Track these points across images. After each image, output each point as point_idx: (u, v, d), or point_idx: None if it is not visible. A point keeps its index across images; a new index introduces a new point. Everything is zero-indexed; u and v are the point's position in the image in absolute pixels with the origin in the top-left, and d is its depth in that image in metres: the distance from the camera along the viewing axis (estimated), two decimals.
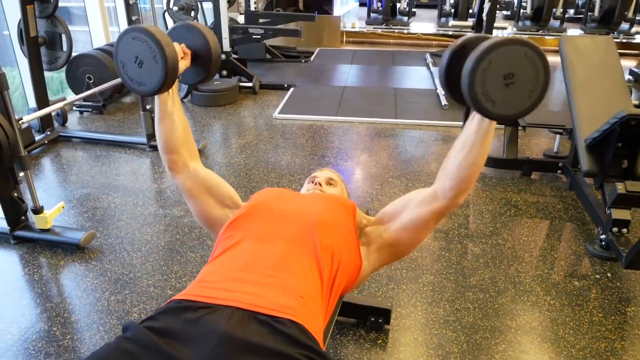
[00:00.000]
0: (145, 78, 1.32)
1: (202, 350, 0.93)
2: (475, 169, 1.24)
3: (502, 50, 1.07)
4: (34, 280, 2.17)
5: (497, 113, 1.12)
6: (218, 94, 4.59)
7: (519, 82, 1.09)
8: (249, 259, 1.15)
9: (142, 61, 1.31)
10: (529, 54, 1.08)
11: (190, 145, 1.47)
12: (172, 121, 1.42)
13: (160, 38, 1.26)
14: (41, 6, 3.38)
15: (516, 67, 1.08)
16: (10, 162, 2.13)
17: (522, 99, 1.11)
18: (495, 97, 1.10)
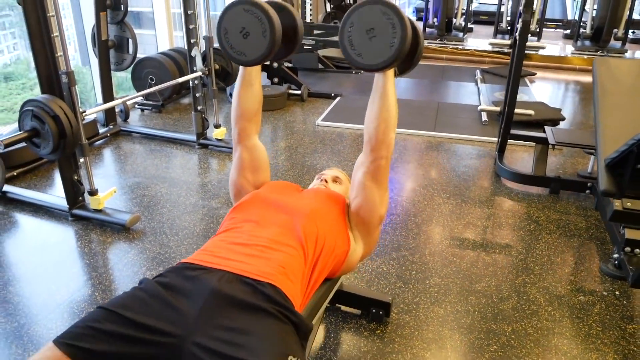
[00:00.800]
0: (248, 49, 1.44)
1: (195, 301, 1.14)
2: (380, 122, 1.44)
3: (361, 10, 1.29)
4: (84, 253, 2.47)
5: (367, 63, 1.33)
6: (267, 99, 4.84)
7: (379, 35, 1.29)
8: (245, 237, 1.35)
9: (249, 33, 1.42)
10: (385, 10, 1.28)
11: (259, 119, 1.67)
12: (252, 90, 1.59)
13: (274, 18, 1.41)
14: (112, 13, 3.77)
15: (375, 23, 1.29)
16: (72, 149, 2.45)
17: (384, 50, 1.30)
18: (361, 50, 1.32)
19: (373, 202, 1.55)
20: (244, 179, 1.66)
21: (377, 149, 1.48)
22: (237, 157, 1.67)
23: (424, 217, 2.86)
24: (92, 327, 1.11)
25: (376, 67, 1.35)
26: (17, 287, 2.19)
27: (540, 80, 6.48)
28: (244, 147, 1.65)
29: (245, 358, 1.02)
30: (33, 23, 2.29)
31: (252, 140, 1.65)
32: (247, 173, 1.66)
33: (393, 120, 1.46)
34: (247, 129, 1.63)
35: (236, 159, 1.67)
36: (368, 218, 1.58)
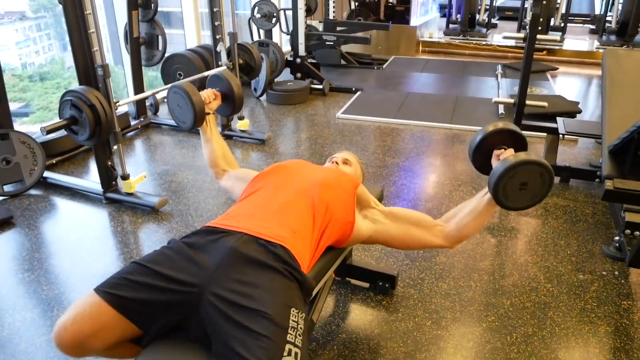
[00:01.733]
0: (185, 117, 1.88)
1: (215, 257, 1.31)
2: (474, 232, 1.69)
3: (526, 167, 1.46)
4: (117, 232, 2.70)
5: (506, 205, 1.53)
6: (290, 93, 5.05)
7: (530, 189, 1.49)
8: (262, 202, 1.53)
9: (181, 106, 1.87)
10: (543, 173, 1.46)
11: (227, 158, 1.95)
12: (211, 145, 1.92)
13: (189, 91, 1.81)
14: (144, 12, 4.00)
15: (531, 178, 1.47)
16: (106, 135, 2.67)
17: (526, 200, 1.52)
18: (510, 195, 1.51)
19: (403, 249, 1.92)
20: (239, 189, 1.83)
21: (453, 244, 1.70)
22: (224, 188, 1.97)
23: (435, 202, 2.99)
24: (126, 278, 1.30)
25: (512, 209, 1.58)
26: (58, 260, 2.42)
27: (563, 75, 6.48)
28: (222, 181, 1.95)
29: (253, 306, 1.19)
30: (72, 20, 2.52)
31: (227, 174, 1.93)
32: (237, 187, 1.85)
33: None
34: (218, 172, 1.95)
35: (225, 188, 1.97)
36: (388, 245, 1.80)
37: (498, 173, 1.48)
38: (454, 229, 1.65)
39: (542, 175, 1.47)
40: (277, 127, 4.40)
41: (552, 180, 1.49)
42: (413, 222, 1.71)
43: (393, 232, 1.71)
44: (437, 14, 9.80)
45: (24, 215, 2.81)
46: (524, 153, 1.52)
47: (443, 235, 1.67)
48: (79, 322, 1.24)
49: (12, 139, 3.00)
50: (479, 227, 1.66)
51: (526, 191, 1.50)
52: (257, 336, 1.13)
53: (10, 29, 5.45)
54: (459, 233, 1.65)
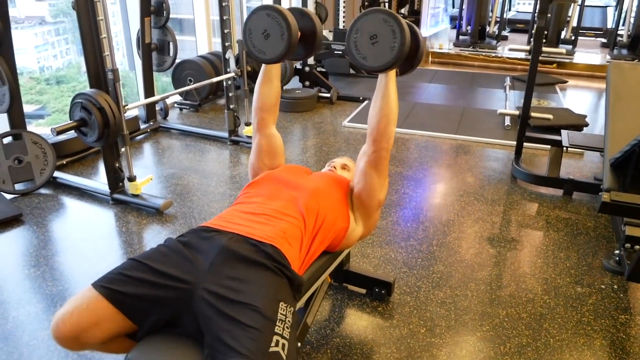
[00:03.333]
0: (268, 48, 1.66)
1: (208, 255, 1.35)
2: (382, 117, 1.61)
3: (365, 18, 1.47)
4: (122, 232, 2.75)
5: (371, 65, 1.51)
6: (298, 101, 5.10)
7: (381, 40, 1.47)
8: (254, 207, 1.57)
9: (270, 34, 1.63)
10: (386, 19, 1.46)
11: (276, 111, 1.89)
12: (272, 85, 1.82)
13: (291, 21, 1.62)
14: (156, 18, 4.09)
15: (378, 29, 1.47)
16: (114, 138, 2.74)
17: (386, 53, 1.48)
18: (366, 53, 1.50)
19: (373, 187, 1.74)
20: (262, 163, 1.87)
21: (379, 140, 1.66)
22: (256, 144, 1.89)
23: (435, 212, 3.01)
24: (122, 274, 1.34)
25: (379, 69, 1.54)
26: (63, 257, 2.48)
27: (573, 88, 6.48)
28: (263, 135, 1.87)
29: (243, 300, 1.23)
30: (85, 26, 2.59)
31: (270, 129, 1.87)
32: (264, 158, 1.87)
33: (393, 116, 1.64)
34: (266, 119, 1.85)
35: (255, 145, 1.89)
36: (368, 202, 1.77)
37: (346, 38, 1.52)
38: (368, 130, 1.67)
39: (387, 22, 1.45)
40: (283, 134, 4.41)
41: (399, 24, 1.46)
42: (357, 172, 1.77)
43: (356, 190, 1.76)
44: (448, 25, 9.83)
45: (33, 213, 2.87)
46: None
47: (367, 145, 1.69)
48: (76, 315, 1.28)
49: (24, 139, 3.07)
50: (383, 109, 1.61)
51: (380, 44, 1.48)
52: (246, 328, 1.17)
53: (30, 33, 5.57)
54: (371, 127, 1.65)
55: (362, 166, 1.74)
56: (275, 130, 1.91)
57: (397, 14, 1.49)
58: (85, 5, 2.55)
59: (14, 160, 3.02)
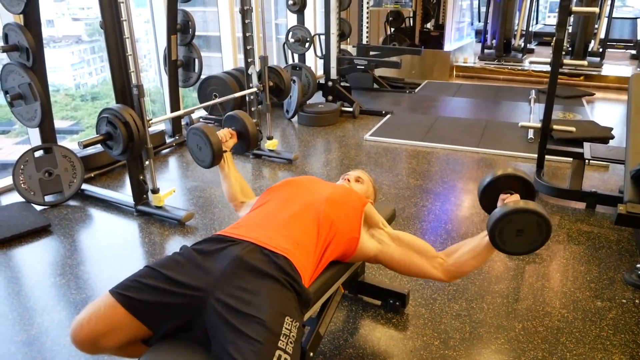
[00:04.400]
0: (204, 157, 2.02)
1: (221, 264, 1.40)
2: (472, 270, 1.76)
3: (523, 215, 1.51)
4: (144, 242, 2.83)
5: (503, 249, 1.58)
6: (320, 115, 5.16)
7: (526, 236, 1.54)
8: (270, 214, 1.61)
9: (200, 147, 2.01)
10: (540, 222, 1.51)
11: (245, 191, 2.08)
12: (229, 181, 2.06)
13: (207, 132, 1.95)
14: (182, 36, 4.22)
15: (528, 226, 1.52)
16: (139, 151, 2.83)
17: (524, 246, 1.57)
18: (507, 240, 1.56)
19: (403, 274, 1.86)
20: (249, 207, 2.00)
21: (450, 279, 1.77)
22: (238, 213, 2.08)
23: (454, 224, 3.00)
24: (138, 281, 1.40)
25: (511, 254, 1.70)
26: (88, 266, 2.57)
27: (601, 101, 6.37)
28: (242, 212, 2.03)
29: (251, 313, 1.26)
30: (111, 44, 2.71)
31: (244, 206, 2.04)
32: None
33: None
34: (238, 205, 2.06)
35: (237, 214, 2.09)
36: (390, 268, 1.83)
37: (495, 218, 1.54)
38: (452, 264, 1.71)
39: (539, 225, 1.51)
40: (305, 148, 4.51)
41: (549, 230, 1.52)
42: (416, 250, 1.76)
43: (396, 255, 1.76)
44: (473, 39, 9.81)
45: (60, 224, 2.99)
46: (523, 201, 1.57)
47: (442, 269, 1.72)
48: (93, 320, 1.34)
49: (55, 152, 3.21)
50: (478, 265, 1.73)
51: (522, 238, 1.54)
52: (250, 340, 1.20)
53: (67, 52, 5.82)
54: (458, 269, 1.71)
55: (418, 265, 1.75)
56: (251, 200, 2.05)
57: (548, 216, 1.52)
58: (112, 24, 2.67)
59: (45, 173, 3.15)
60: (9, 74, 3.04)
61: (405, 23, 8.27)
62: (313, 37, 5.89)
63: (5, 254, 2.66)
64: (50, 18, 5.65)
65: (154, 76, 5.48)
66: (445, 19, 8.45)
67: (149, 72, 5.71)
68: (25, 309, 2.22)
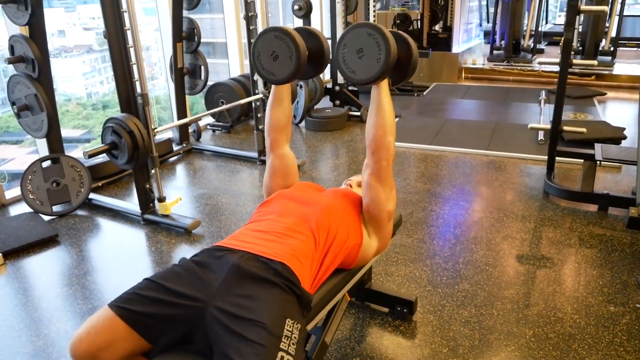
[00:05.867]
0: (277, 69, 1.69)
1: (219, 274, 1.38)
2: (377, 128, 1.62)
3: (351, 33, 1.50)
4: (151, 251, 2.83)
5: (359, 79, 1.53)
6: (328, 120, 5.14)
7: (367, 54, 1.49)
8: (267, 225, 1.59)
9: (278, 56, 1.66)
10: (370, 32, 1.47)
11: (289, 130, 1.90)
12: (282, 106, 1.84)
13: (299, 43, 1.65)
14: (187, 44, 4.23)
15: (363, 43, 1.49)
16: (144, 160, 2.83)
17: (372, 66, 1.51)
18: (354, 68, 1.52)
19: (379, 199, 1.73)
20: (275, 183, 1.90)
21: (377, 151, 1.66)
22: (269, 164, 1.92)
23: (463, 229, 2.96)
24: (137, 294, 1.38)
25: (367, 81, 1.56)
26: (95, 276, 2.56)
27: (613, 101, 6.28)
28: (276, 155, 1.90)
29: (251, 317, 1.25)
30: (115, 53, 2.72)
31: (282, 149, 1.90)
32: (277, 178, 1.90)
33: (389, 126, 1.64)
34: (278, 139, 1.88)
35: (269, 165, 1.92)
36: (377, 214, 1.76)
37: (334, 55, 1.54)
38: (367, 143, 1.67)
39: (371, 35, 1.47)
40: (313, 153, 4.49)
41: (383, 36, 1.47)
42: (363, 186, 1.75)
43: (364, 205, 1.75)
44: (481, 40, 9.74)
45: (68, 233, 2.99)
46: None
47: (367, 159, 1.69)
48: (93, 334, 1.33)
49: (62, 162, 3.22)
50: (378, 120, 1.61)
51: (366, 57, 1.50)
52: (252, 344, 1.18)
53: (78, 61, 5.88)
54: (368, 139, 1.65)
55: (365, 179, 1.73)
56: (289, 150, 1.92)
57: (380, 27, 1.49)
58: (116, 33, 2.67)
59: (52, 183, 3.16)
60: (16, 85, 3.06)
61: (413, 25, 8.24)
62: None
63: (13, 264, 2.67)
64: (62, 28, 5.71)
65: (165, 84, 5.50)
66: (453, 20, 8.40)
67: (160, 79, 5.74)
68: (32, 320, 2.22)
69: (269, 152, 1.91)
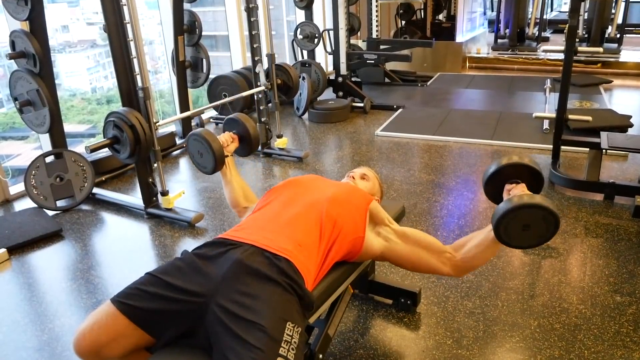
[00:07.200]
0: (206, 163, 1.98)
1: (221, 268, 1.37)
2: (481, 264, 1.74)
3: (528, 210, 1.44)
4: (155, 245, 2.83)
5: (509, 243, 1.52)
6: (331, 112, 5.12)
7: (533, 230, 1.47)
8: (272, 215, 1.58)
9: (202, 153, 1.97)
10: (546, 216, 1.43)
11: (248, 196, 2.03)
12: (232, 186, 2.01)
13: (209, 139, 1.91)
14: (189, 37, 4.21)
15: (534, 221, 1.45)
16: (146, 153, 2.83)
17: (530, 241, 1.51)
18: (512, 235, 1.50)
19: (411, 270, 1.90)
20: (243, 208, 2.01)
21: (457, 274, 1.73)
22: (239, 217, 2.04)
23: (467, 219, 2.94)
24: (139, 289, 1.38)
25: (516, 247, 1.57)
26: (99, 270, 2.57)
27: (619, 88, 6.21)
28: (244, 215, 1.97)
29: (250, 318, 1.24)
30: (115, 47, 2.70)
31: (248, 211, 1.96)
32: None
33: None
34: (241, 210, 2.01)
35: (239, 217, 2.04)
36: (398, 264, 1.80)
37: (499, 214, 1.47)
38: (461, 259, 1.66)
39: (546, 219, 1.44)
40: (316, 145, 4.47)
41: (557, 223, 1.45)
42: (423, 246, 1.71)
43: (403, 252, 1.72)
44: (486, 29, 9.65)
45: (72, 228, 3.00)
46: (528, 195, 1.50)
47: (451, 264, 1.68)
48: (96, 330, 1.33)
49: (65, 157, 3.22)
50: (486, 260, 1.69)
51: (529, 232, 1.48)
52: (251, 347, 1.17)
53: (82, 56, 5.87)
54: (466, 263, 1.66)
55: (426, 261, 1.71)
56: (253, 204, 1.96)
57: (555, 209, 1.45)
58: (116, 27, 2.66)
59: (56, 178, 3.16)
60: (17, 81, 3.06)
61: (416, 15, 8.17)
62: (322, 33, 5.83)
63: (18, 260, 2.68)
64: (65, 23, 5.70)
65: (168, 78, 5.49)
66: (457, 9, 8.34)
67: (164, 73, 5.72)
68: (36, 315, 2.23)
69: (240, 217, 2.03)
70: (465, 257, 1.65)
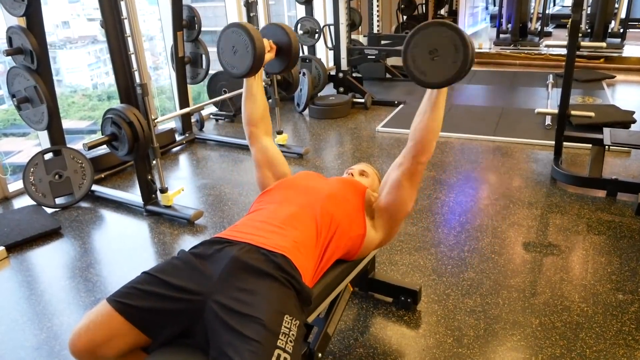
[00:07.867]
0: (238, 63, 1.75)
1: (218, 266, 1.35)
2: (428, 132, 1.60)
3: (424, 32, 1.39)
4: (154, 242, 2.82)
5: (429, 81, 1.45)
6: (331, 107, 5.09)
7: (443, 56, 1.39)
8: (268, 215, 1.56)
9: (237, 50, 1.73)
10: (446, 31, 1.36)
11: (266, 122, 1.92)
12: (255, 100, 1.87)
13: (253, 34, 1.69)
14: (188, 32, 4.18)
15: (438, 44, 1.39)
16: (144, 150, 2.81)
17: (447, 69, 1.40)
18: (425, 69, 1.42)
19: (404, 200, 1.72)
20: (264, 175, 1.89)
21: (421, 154, 1.65)
22: (253, 158, 1.93)
23: (469, 216, 2.92)
24: (135, 287, 1.36)
25: (438, 85, 1.50)
26: (98, 268, 2.56)
27: (623, 84, 6.16)
28: (256, 148, 1.90)
29: (247, 312, 1.22)
30: (113, 43, 2.68)
31: (261, 142, 1.89)
32: (265, 170, 1.89)
33: (438, 131, 1.64)
34: (254, 132, 1.89)
35: (253, 159, 1.93)
36: (396, 213, 1.74)
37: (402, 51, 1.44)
38: (409, 140, 1.65)
39: (448, 36, 1.37)
40: (317, 141, 4.45)
41: (462, 37, 1.37)
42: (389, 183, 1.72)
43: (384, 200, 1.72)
44: (488, 24, 9.60)
45: (71, 226, 2.99)
46: None
47: (405, 156, 1.66)
48: (91, 330, 1.31)
49: (64, 155, 3.21)
50: (429, 124, 1.60)
51: (441, 59, 1.40)
52: (248, 340, 1.16)
53: (83, 52, 5.85)
54: (414, 139, 1.64)
55: (396, 177, 1.70)
56: (269, 142, 1.92)
57: (459, 27, 1.41)
58: (113, 23, 2.64)
59: (55, 176, 3.15)
60: (15, 78, 3.04)
61: (418, 10, 8.12)
62: (323, 28, 5.80)
63: (16, 257, 2.67)
64: (66, 19, 5.68)
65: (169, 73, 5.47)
66: (458, 4, 8.29)
67: (164, 69, 5.69)
68: (35, 313, 2.22)
69: (250, 146, 1.92)
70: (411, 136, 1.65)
